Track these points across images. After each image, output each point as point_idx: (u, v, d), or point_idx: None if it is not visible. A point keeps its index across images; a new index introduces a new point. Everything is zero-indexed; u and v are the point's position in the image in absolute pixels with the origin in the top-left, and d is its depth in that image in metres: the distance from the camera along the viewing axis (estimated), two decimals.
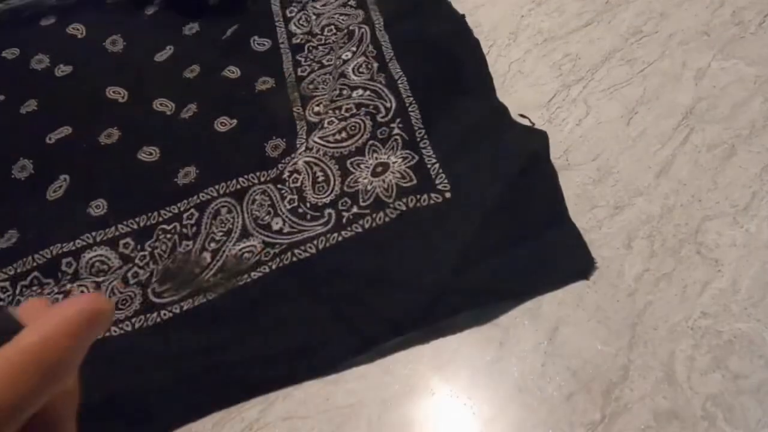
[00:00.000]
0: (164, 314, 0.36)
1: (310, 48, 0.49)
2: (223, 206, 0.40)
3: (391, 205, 0.39)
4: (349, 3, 0.52)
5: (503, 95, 0.46)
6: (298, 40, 0.50)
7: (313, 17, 0.52)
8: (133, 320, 0.36)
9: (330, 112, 0.44)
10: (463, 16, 0.51)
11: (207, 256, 0.38)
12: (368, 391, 0.34)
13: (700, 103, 0.43)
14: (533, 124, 0.42)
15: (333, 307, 0.36)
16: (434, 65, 0.47)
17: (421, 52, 0.48)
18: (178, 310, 0.36)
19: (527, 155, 0.40)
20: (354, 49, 0.48)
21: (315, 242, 0.38)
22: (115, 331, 0.36)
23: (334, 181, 0.41)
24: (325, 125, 0.43)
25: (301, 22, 0.52)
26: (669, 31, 0.48)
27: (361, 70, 0.47)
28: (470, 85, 0.46)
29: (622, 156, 0.41)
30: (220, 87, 0.48)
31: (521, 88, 0.46)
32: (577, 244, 0.36)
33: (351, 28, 0.50)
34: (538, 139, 0.41)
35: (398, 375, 0.34)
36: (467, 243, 0.37)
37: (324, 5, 0.53)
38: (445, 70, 0.47)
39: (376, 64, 0.47)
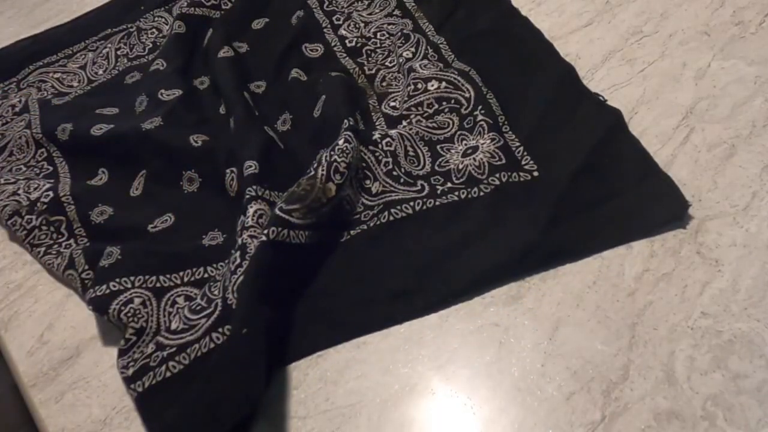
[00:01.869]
0: (285, 235, 0.37)
1: (368, 52, 0.50)
2: (341, 138, 0.41)
3: (485, 181, 0.41)
4: (395, 13, 0.53)
5: None
6: (353, 44, 0.51)
7: (362, 24, 0.52)
8: (267, 231, 0.37)
9: (412, 109, 0.45)
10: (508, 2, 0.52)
11: (332, 187, 0.39)
12: (368, 391, 0.34)
13: (700, 103, 0.43)
14: (605, 100, 0.43)
15: (427, 260, 0.38)
16: (496, 54, 0.48)
17: (479, 46, 0.49)
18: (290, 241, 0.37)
19: (605, 128, 0.42)
20: (413, 50, 0.50)
21: (411, 204, 0.40)
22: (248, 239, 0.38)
23: (425, 160, 0.43)
24: (412, 120, 0.45)
25: (350, 28, 0.52)
26: (669, 31, 0.48)
27: (428, 66, 0.48)
28: (535, 62, 0.47)
29: None
30: (296, 88, 0.48)
31: None
32: (669, 189, 0.38)
33: (405, 32, 0.51)
34: (613, 113, 0.43)
35: (398, 375, 0.34)
36: (559, 205, 0.39)
37: (370, 14, 0.53)
38: (508, 56, 0.48)
39: (440, 64, 0.48)
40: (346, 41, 0.51)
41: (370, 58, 0.50)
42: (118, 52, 0.56)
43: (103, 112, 0.50)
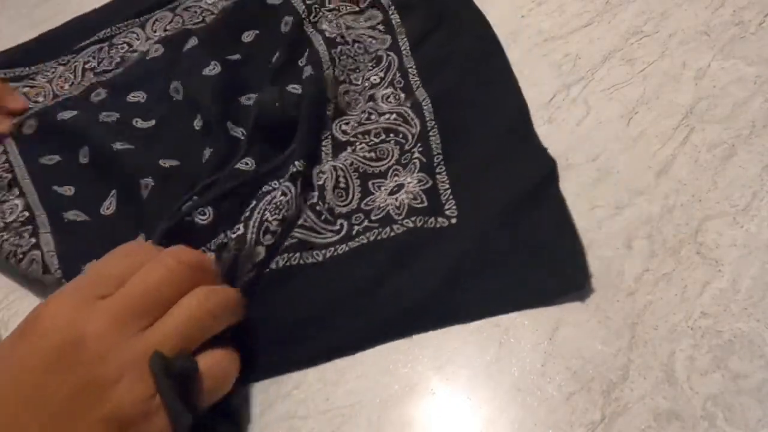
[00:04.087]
0: None
1: (343, 51, 0.49)
2: (279, 191, 0.40)
3: (399, 222, 0.39)
4: (378, 27, 0.52)
5: None
6: (332, 36, 0.49)
7: (344, 26, 0.51)
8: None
9: (359, 136, 0.44)
10: (488, 24, 0.51)
11: (261, 251, 0.38)
12: (368, 391, 0.34)
13: (700, 103, 0.43)
14: (546, 149, 0.42)
15: (324, 309, 0.37)
16: (457, 83, 0.47)
17: (444, 72, 0.47)
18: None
19: (537, 179, 0.40)
20: (382, 75, 0.48)
21: (323, 251, 0.39)
22: None
23: (353, 195, 0.41)
24: (357, 149, 0.43)
25: (332, 24, 0.51)
26: (669, 31, 0.48)
27: (389, 99, 0.47)
28: (494, 97, 0.46)
29: (622, 156, 0.41)
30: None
31: (521, 88, 0.46)
32: (575, 259, 0.36)
33: (379, 53, 0.50)
34: (549, 164, 0.41)
35: (398, 375, 0.34)
36: (465, 261, 0.37)
37: (354, 20, 0.52)
38: (471, 88, 0.47)
39: (403, 95, 0.47)
40: (326, 33, 0.50)
41: (341, 60, 0.49)
42: (86, 66, 0.55)
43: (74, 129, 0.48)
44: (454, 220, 0.39)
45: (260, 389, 0.35)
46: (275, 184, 0.40)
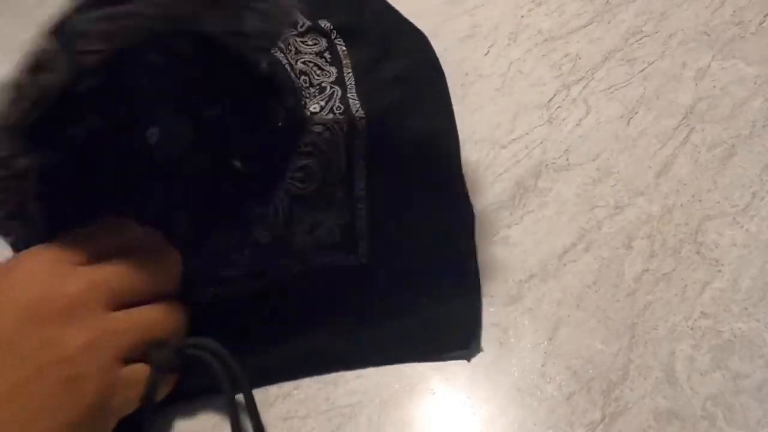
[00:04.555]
0: None
1: (305, 87, 0.46)
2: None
3: (309, 258, 0.38)
4: (325, 55, 0.49)
5: (503, 96, 0.46)
6: (293, 61, 0.46)
7: (294, 49, 0.48)
8: None
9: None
10: (433, 52, 0.49)
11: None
12: (368, 391, 0.34)
13: (700, 103, 0.43)
14: (467, 196, 0.40)
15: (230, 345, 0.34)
16: (395, 118, 0.45)
17: (385, 106, 0.45)
18: None
19: (454, 231, 0.39)
20: (323, 103, 0.46)
21: (233, 285, 0.37)
22: None
23: (281, 219, 0.39)
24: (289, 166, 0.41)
25: (289, 47, 0.48)
26: (669, 31, 0.48)
27: (327, 123, 0.45)
28: (427, 137, 0.44)
29: (622, 156, 0.41)
30: None
31: (521, 88, 0.46)
32: (470, 319, 0.35)
33: (323, 85, 0.47)
34: (468, 211, 0.39)
35: (398, 375, 0.34)
36: (366, 307, 0.36)
37: (302, 42, 0.49)
38: (405, 123, 0.45)
39: (341, 117, 0.45)
40: (289, 54, 0.47)
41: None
42: None
43: None
44: (364, 260, 0.38)
45: (260, 389, 0.35)
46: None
